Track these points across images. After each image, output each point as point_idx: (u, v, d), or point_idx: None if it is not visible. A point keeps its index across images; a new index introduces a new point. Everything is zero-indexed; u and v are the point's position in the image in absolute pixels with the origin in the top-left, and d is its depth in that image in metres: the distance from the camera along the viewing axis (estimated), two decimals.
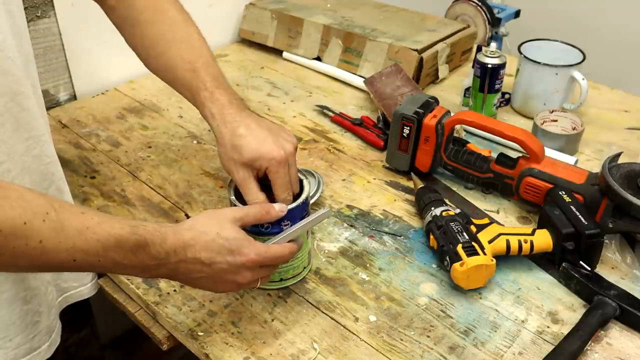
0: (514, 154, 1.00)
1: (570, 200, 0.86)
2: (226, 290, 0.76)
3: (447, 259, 0.81)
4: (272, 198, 0.77)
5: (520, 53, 1.20)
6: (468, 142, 1.04)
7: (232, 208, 0.74)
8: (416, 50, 1.27)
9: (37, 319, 0.77)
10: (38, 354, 0.79)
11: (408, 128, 1.01)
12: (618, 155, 0.90)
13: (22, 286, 0.75)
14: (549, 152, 1.02)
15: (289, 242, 0.74)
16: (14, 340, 0.75)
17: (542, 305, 0.81)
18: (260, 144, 0.77)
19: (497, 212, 0.97)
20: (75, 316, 0.92)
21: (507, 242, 0.83)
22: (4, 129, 0.70)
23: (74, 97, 1.29)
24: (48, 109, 1.21)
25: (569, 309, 0.80)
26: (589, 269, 0.82)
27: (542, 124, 1.11)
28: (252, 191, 0.77)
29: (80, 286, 0.89)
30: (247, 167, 0.77)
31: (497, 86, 1.17)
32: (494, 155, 1.00)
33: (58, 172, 0.82)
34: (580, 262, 0.83)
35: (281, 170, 0.77)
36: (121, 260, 0.63)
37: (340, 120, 1.20)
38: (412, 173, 1.03)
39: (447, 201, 0.93)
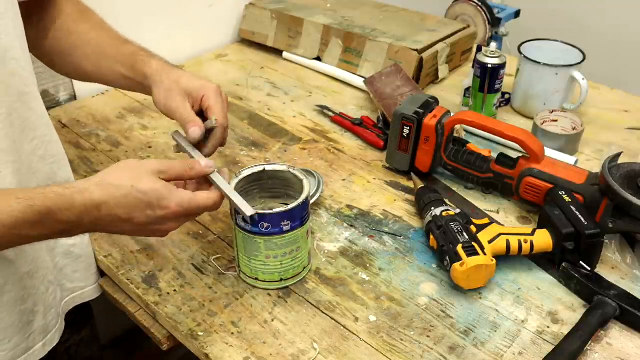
0: (514, 154, 1.00)
1: (570, 200, 0.86)
2: (155, 236, 0.73)
3: (447, 259, 0.81)
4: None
5: (520, 53, 1.20)
6: (468, 142, 1.04)
7: (153, 160, 0.72)
8: (416, 50, 1.27)
9: (31, 319, 0.78)
10: (32, 354, 0.79)
11: (408, 128, 1.01)
12: (618, 155, 0.90)
13: (21, 286, 0.75)
14: (549, 152, 1.02)
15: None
16: (12, 341, 0.76)
17: (542, 305, 0.81)
18: (197, 79, 0.81)
19: (497, 212, 0.97)
20: (75, 317, 0.92)
21: (507, 242, 0.83)
22: (13, 129, 0.70)
23: (74, 97, 1.29)
24: (48, 109, 1.21)
25: (569, 309, 0.80)
26: (589, 269, 0.82)
27: (542, 124, 1.11)
28: (190, 114, 0.78)
29: (87, 287, 0.89)
30: (184, 96, 0.79)
31: (497, 86, 1.17)
32: (494, 155, 1.00)
33: (62, 172, 0.82)
34: (580, 262, 0.83)
35: (219, 97, 0.80)
36: (31, 233, 0.62)
37: (340, 120, 1.20)
38: (412, 173, 1.03)
39: (447, 201, 0.93)
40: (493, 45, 1.17)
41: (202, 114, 0.81)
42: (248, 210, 0.73)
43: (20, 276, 0.75)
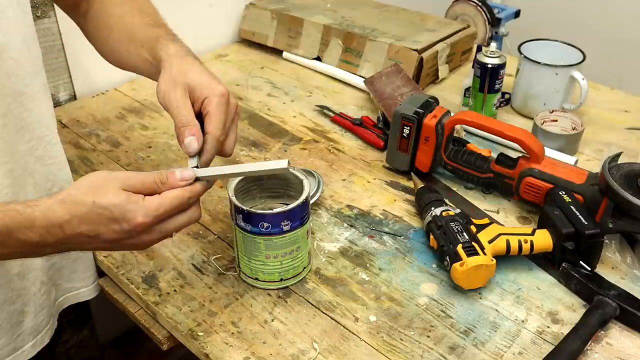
0: (514, 154, 1.00)
1: (570, 200, 0.86)
2: (136, 249, 0.68)
3: (447, 259, 0.81)
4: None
5: (520, 53, 1.20)
6: (468, 142, 1.04)
7: (125, 173, 0.65)
8: (416, 50, 1.27)
9: (21, 319, 0.77)
10: (21, 354, 0.79)
11: (408, 128, 1.01)
12: (618, 155, 0.90)
13: (9, 287, 0.75)
14: (549, 152, 1.02)
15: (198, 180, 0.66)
16: (0, 342, 0.75)
17: (542, 305, 0.81)
18: (206, 76, 0.73)
19: (497, 212, 0.97)
20: (74, 317, 0.92)
21: (507, 242, 0.83)
22: (7, 129, 0.70)
23: (74, 97, 1.29)
24: None
25: (569, 309, 0.80)
26: (589, 269, 0.82)
27: (542, 124, 1.11)
28: (187, 114, 0.69)
29: (83, 287, 0.89)
30: (185, 91, 0.71)
31: (497, 86, 1.17)
32: (494, 155, 1.00)
33: (62, 173, 0.82)
34: (580, 262, 0.83)
35: (222, 105, 0.71)
36: None
37: (340, 120, 1.20)
38: (412, 173, 1.03)
39: (447, 201, 0.93)
40: (493, 45, 1.17)
41: (202, 116, 0.72)
42: (280, 163, 0.67)
43: (9, 278, 0.74)
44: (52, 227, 0.60)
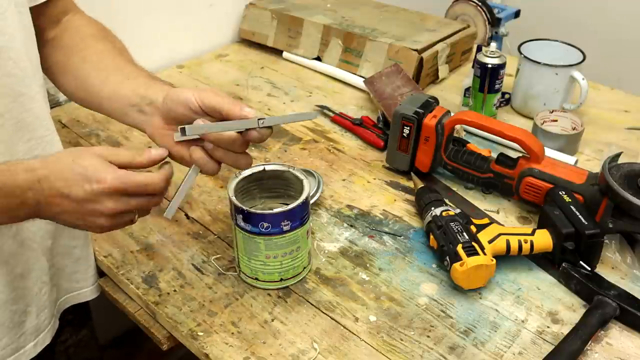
0: (514, 154, 1.00)
1: (570, 200, 0.86)
2: (99, 226, 0.68)
3: (447, 259, 0.81)
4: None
5: (520, 53, 1.20)
6: (468, 142, 1.04)
7: (101, 146, 0.69)
8: (416, 50, 1.27)
9: (23, 319, 0.78)
10: (23, 354, 0.79)
11: (408, 128, 1.01)
12: (618, 155, 0.90)
13: (12, 287, 0.75)
14: (549, 152, 1.02)
15: (164, 167, 0.70)
16: (2, 341, 0.76)
17: (542, 305, 0.81)
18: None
19: (497, 212, 0.97)
20: (74, 317, 0.92)
21: (507, 242, 0.83)
22: (5, 129, 0.70)
23: None
24: None
25: (569, 309, 0.80)
26: (589, 269, 0.82)
27: (542, 124, 1.11)
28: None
29: (84, 288, 0.89)
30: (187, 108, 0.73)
31: (497, 86, 1.17)
32: (494, 155, 1.00)
33: None
34: (580, 262, 0.83)
35: (220, 92, 0.73)
36: None
37: (340, 120, 1.20)
38: (412, 173, 1.03)
39: (447, 201, 0.93)
40: (493, 45, 1.17)
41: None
42: (257, 121, 0.69)
43: (12, 277, 0.75)
44: (33, 182, 0.63)
